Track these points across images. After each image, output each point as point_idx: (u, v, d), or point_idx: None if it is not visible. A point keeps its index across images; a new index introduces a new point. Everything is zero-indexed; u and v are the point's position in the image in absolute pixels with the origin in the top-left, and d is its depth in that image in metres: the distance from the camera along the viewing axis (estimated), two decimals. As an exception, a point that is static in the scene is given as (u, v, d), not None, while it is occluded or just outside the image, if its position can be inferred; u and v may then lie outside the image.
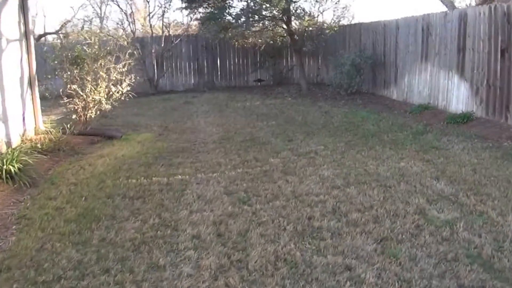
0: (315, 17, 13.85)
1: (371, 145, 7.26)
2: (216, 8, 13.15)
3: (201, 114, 11.60)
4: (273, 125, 9.49)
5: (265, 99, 13.75)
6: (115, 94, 9.66)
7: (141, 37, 18.04)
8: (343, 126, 8.94)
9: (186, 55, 17.90)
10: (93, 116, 9.54)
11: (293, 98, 13.49)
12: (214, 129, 9.51)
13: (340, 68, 12.73)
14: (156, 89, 17.01)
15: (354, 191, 5.15)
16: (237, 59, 17.90)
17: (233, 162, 6.72)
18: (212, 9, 13.41)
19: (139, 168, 6.59)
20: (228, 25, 12.97)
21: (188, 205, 4.98)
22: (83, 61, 9.32)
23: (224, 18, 13.03)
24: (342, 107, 11.34)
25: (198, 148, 7.90)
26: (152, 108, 13.21)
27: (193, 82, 18.01)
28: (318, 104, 12.06)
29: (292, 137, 8.23)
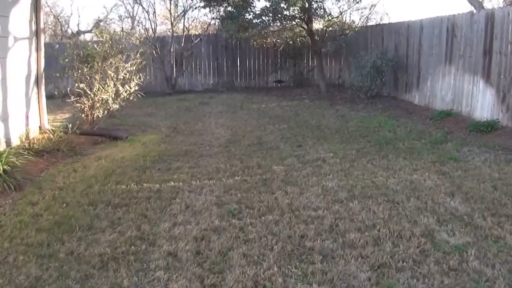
0: (335, 17, 13.28)
1: (384, 154, 6.72)
2: (235, 7, 12.73)
3: (214, 116, 11.21)
4: (284, 129, 9.02)
5: (282, 100, 13.27)
6: (123, 93, 9.35)
7: (162, 37, 17.78)
8: (358, 132, 8.40)
9: (205, 55, 17.57)
10: (100, 116, 9.27)
11: (310, 101, 12.98)
12: (223, 132, 9.10)
13: (360, 70, 12.15)
14: (173, 89, 16.72)
15: (358, 206, 4.64)
16: (257, 60, 17.47)
17: (234, 168, 6.29)
18: (231, 8, 12.99)
19: (133, 172, 6.22)
20: (246, 24, 12.52)
21: (173, 217, 4.57)
22: (93, 60, 9.07)
23: (243, 17, 12.58)
24: (360, 111, 10.77)
25: (202, 151, 7.51)
26: (166, 108, 12.89)
27: (212, 82, 17.66)
28: (335, 107, 11.52)
29: (302, 142, 7.74)
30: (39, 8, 8.29)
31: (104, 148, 7.97)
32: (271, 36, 14.56)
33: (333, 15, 13.20)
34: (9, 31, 7.55)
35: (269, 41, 15.23)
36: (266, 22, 12.47)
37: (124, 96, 9.43)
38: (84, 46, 9.21)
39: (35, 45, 8.42)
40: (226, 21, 12.98)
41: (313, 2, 12.95)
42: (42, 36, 8.57)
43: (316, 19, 13.21)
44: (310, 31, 13.53)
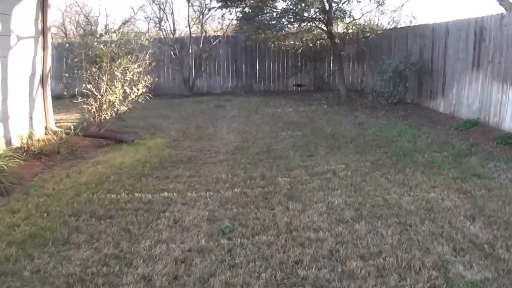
0: (356, 19, 12.72)
1: (401, 167, 6.17)
2: (251, 8, 12.29)
3: (227, 120, 10.80)
4: (297, 136, 8.54)
5: (299, 105, 12.77)
6: (131, 95, 9.01)
7: (181, 38, 17.48)
8: (375, 141, 7.85)
9: (224, 57, 17.20)
10: (107, 118, 8.96)
11: (329, 106, 12.44)
12: (233, 137, 8.67)
13: (382, 75, 11.56)
14: (191, 91, 16.40)
15: (364, 228, 4.13)
16: (276, 62, 16.98)
17: (235, 179, 5.84)
18: (248, 8, 12.56)
19: (128, 180, 5.83)
20: (262, 25, 12.06)
21: (158, 233, 4.15)
22: (101, 60, 8.78)
23: (259, 18, 12.14)
24: (380, 118, 10.19)
25: (207, 158, 7.10)
26: (181, 110, 12.55)
27: (230, 85, 17.27)
28: (354, 114, 10.96)
29: (313, 152, 7.25)
30: (46, 6, 8.01)
31: (107, 151, 7.63)
32: (290, 38, 14.04)
33: (354, 17, 12.60)
34: (11, 29, 7.29)
35: (287, 44, 14.73)
36: (283, 24, 11.99)
37: (132, 98, 9.07)
38: (92, 46, 8.88)
39: (42, 44, 8.15)
40: (242, 22, 12.56)
41: (333, 4, 12.42)
42: (49, 35, 8.30)
43: (336, 21, 12.64)
44: (330, 33, 12.99)
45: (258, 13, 12.02)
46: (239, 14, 13.03)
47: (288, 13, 12.21)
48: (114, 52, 8.99)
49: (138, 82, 9.11)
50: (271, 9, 12.49)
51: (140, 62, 9.25)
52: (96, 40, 9.17)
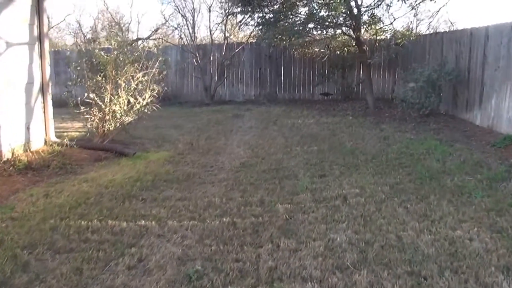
0: (386, 24, 11.81)
1: (425, 194, 5.26)
2: (272, 13, 11.53)
3: (241, 131, 10.06)
4: (313, 152, 7.71)
5: (322, 116, 11.92)
6: (136, 105, 8.41)
7: (203, 44, 16.91)
8: (398, 160, 6.94)
9: (248, 64, 16.52)
10: (111, 129, 8.39)
11: (354, 117, 11.52)
12: (243, 152, 7.93)
13: (412, 84, 10.59)
14: (212, 99, 15.78)
15: (365, 279, 3.29)
16: (302, 70, 16.16)
17: (229, 204, 5.08)
18: (269, 13, 11.80)
19: (109, 203, 5.16)
20: (284, 32, 11.27)
21: (113, 275, 3.44)
22: (104, 68, 8.22)
23: (282, 24, 11.35)
24: (408, 132, 9.23)
25: (206, 176, 6.37)
26: (196, 120, 11.92)
27: (253, 93, 16.56)
28: (380, 127, 10.03)
29: (327, 171, 6.42)
30: (42, 11, 7.50)
31: (102, 166, 7.02)
32: (314, 45, 13.18)
33: (384, 22, 11.69)
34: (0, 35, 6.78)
35: (311, 51, 13.88)
36: (307, 30, 11.18)
37: (137, 108, 8.47)
38: (93, 54, 8.33)
39: (38, 51, 7.63)
40: (263, 28, 11.83)
41: (362, 9, 11.53)
42: (46, 41, 7.77)
43: (365, 27, 11.74)
44: (357, 40, 12.11)
45: (279, 18, 11.23)
46: (260, 19, 12.29)
47: (312, 19, 11.39)
48: (120, 60, 8.43)
49: (144, 91, 8.49)
50: (293, 14, 11.67)
51: (146, 70, 8.62)
52: (97, 47, 8.53)
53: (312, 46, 13.31)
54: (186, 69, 16.73)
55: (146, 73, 8.65)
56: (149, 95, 8.61)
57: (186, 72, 16.80)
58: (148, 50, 9.13)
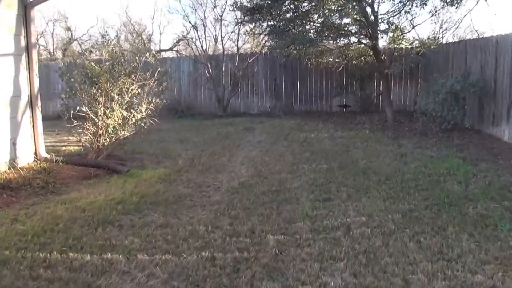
0: (404, 32, 11.07)
1: (442, 224, 4.56)
2: (281, 21, 10.93)
3: (249, 146, 9.47)
4: (321, 171, 7.05)
5: (337, 130, 11.22)
6: (131, 119, 7.91)
7: (216, 55, 16.41)
8: (415, 182, 6.22)
9: (262, 75, 15.96)
10: (105, 144, 7.89)
11: (371, 131, 10.79)
12: (245, 170, 7.33)
13: (434, 96, 9.84)
14: (225, 111, 15.24)
15: None
16: (319, 81, 15.48)
17: (214, 234, 4.47)
18: (277, 22, 11.20)
19: (78, 230, 4.61)
20: (295, 40, 10.63)
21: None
22: (97, 80, 7.76)
23: (292, 32, 10.73)
24: (429, 149, 8.48)
25: (198, 199, 5.80)
26: (205, 133, 11.39)
27: (269, 105, 15.96)
28: (399, 142, 9.29)
29: (332, 194, 5.76)
30: (29, 20, 7.07)
31: (90, 185, 6.50)
32: (328, 55, 12.50)
33: (402, 29, 10.95)
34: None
35: (325, 61, 13.21)
36: (318, 38, 10.55)
37: (133, 122, 7.97)
38: (84, 65, 7.86)
39: (26, 62, 7.19)
40: (273, 37, 11.25)
41: (379, 16, 10.85)
42: (34, 52, 7.33)
43: (382, 35, 11.04)
44: (374, 49, 11.41)
45: (289, 26, 10.62)
46: (269, 28, 11.70)
47: (326, 26, 10.75)
48: (115, 71, 7.95)
49: (139, 104, 7.98)
50: (305, 22, 11.02)
51: (143, 82, 8.12)
52: (88, 59, 8.05)
53: (326, 56, 12.61)
54: (199, 81, 16.26)
55: (142, 85, 8.13)
56: (145, 108, 8.07)
57: (199, 84, 16.34)
58: (146, 61, 8.57)
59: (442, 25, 15.96)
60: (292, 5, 11.17)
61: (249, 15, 11.73)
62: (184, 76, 16.57)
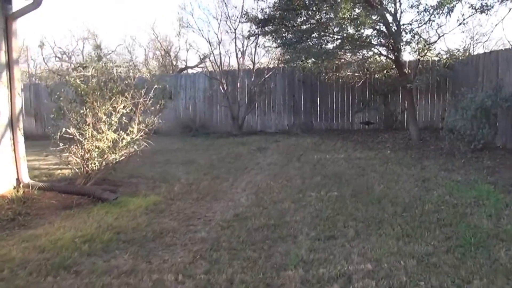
0: (429, 43, 10.16)
1: (466, 275, 3.67)
2: (294, 32, 10.17)
3: (257, 169, 8.71)
4: (330, 199, 6.21)
5: (356, 149, 10.34)
6: (120, 142, 7.27)
7: (232, 70, 15.77)
8: (437, 214, 5.32)
9: (280, 91, 15.24)
10: (95, 168, 7.27)
11: (393, 151, 9.88)
12: (245, 198, 6.57)
13: (462, 112, 8.89)
14: (240, 129, 14.53)
15: None
16: (340, 97, 14.65)
17: (183, 286, 3.69)
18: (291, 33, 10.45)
19: (25, 278, 3.91)
20: (308, 53, 9.85)
21: None
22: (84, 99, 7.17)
23: (305, 45, 9.95)
24: (456, 172, 7.53)
25: (182, 235, 5.06)
26: (214, 154, 10.71)
27: (287, 123, 15.20)
28: (422, 163, 8.37)
29: (338, 231, 4.93)
30: (10, 35, 6.53)
31: (67, 217, 5.82)
32: (347, 68, 11.62)
33: (427, 40, 10.05)
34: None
35: (344, 75, 12.37)
36: (335, 51, 9.75)
37: (124, 145, 7.32)
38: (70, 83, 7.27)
39: (7, 80, 6.65)
40: (286, 50, 10.52)
41: (401, 26, 9.97)
42: (16, 69, 6.77)
43: (405, 47, 10.15)
44: (397, 61, 10.53)
45: (303, 38, 9.85)
46: (280, 40, 10.96)
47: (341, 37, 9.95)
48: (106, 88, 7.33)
49: (129, 125, 7.34)
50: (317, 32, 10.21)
51: (135, 100, 7.48)
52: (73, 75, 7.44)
53: (345, 70, 11.75)
54: (215, 97, 15.64)
55: (136, 104, 7.49)
56: (138, 129, 7.42)
57: (215, 101, 15.71)
58: (140, 77, 7.95)
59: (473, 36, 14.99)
60: (306, 15, 10.42)
61: (261, 26, 11.04)
62: (200, 93, 15.99)
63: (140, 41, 37.95)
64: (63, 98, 7.31)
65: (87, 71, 7.16)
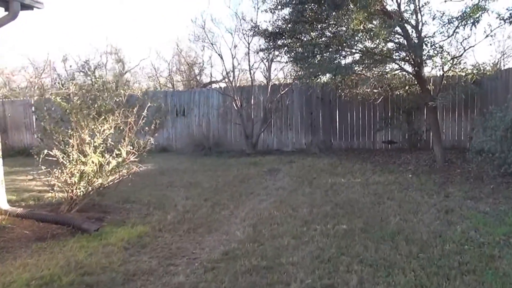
0: (454, 56, 9.33)
1: None
2: (305, 45, 9.47)
3: (263, 195, 8.01)
4: (337, 234, 5.46)
5: (375, 172, 9.53)
6: (106, 166, 6.69)
7: (247, 86, 15.14)
8: (459, 257, 4.51)
9: (297, 108, 14.54)
10: (80, 194, 6.70)
11: (415, 174, 9.04)
12: (241, 231, 5.87)
13: (490, 132, 8.02)
14: (254, 148, 13.85)
15: None
16: (361, 114, 13.84)
17: None
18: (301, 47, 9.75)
19: None
20: (320, 68, 9.13)
21: None
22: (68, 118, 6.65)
23: (318, 60, 9.23)
24: (483, 201, 6.69)
25: (156, 279, 4.41)
26: (221, 176, 10.07)
27: (304, 141, 14.46)
28: (446, 190, 7.53)
29: (339, 278, 4.19)
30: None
31: (37, 250, 5.25)
32: (362, 85, 10.82)
33: (451, 54, 9.22)
34: None
35: (362, 91, 11.58)
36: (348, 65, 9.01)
37: (110, 169, 6.74)
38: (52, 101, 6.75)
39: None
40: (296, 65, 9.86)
41: (423, 38, 9.18)
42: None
43: (427, 60, 9.32)
44: (418, 77, 9.72)
45: (314, 51, 9.13)
46: (289, 54, 10.28)
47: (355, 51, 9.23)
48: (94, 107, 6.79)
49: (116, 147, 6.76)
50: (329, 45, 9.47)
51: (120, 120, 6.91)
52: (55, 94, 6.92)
53: (361, 86, 10.95)
54: (229, 114, 15.04)
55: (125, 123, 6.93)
56: (127, 152, 6.84)
57: (229, 117, 15.10)
58: (131, 94, 7.40)
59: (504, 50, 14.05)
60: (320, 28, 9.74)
61: (272, 41, 10.40)
62: (213, 110, 15.42)
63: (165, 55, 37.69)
64: (49, 117, 6.78)
65: (68, 89, 6.59)
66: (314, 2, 9.37)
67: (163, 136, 16.10)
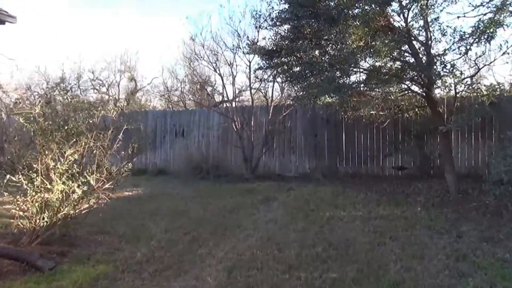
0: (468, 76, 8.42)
1: None
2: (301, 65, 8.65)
3: (249, 230, 7.12)
4: (323, 287, 4.54)
5: (380, 204, 8.56)
6: (72, 194, 5.90)
7: (248, 107, 14.31)
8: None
9: (301, 130, 13.66)
10: (43, 225, 5.92)
11: (424, 208, 8.05)
12: (213, 276, 5.06)
13: (510, 161, 7.05)
14: (253, 172, 12.96)
15: None
16: (369, 137, 12.89)
17: None
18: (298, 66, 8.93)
19: None
20: (316, 88, 8.30)
21: None
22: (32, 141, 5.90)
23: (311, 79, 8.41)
24: (502, 244, 5.73)
25: None
26: (211, 203, 9.26)
27: (308, 166, 13.53)
28: (458, 229, 6.56)
29: None
30: None
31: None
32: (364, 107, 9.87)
33: (464, 73, 8.30)
34: None
35: (366, 113, 10.67)
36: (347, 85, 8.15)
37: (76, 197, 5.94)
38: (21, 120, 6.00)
39: None
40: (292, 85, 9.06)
41: (433, 56, 8.29)
42: None
43: (437, 81, 8.40)
44: (428, 98, 8.81)
45: (312, 70, 8.28)
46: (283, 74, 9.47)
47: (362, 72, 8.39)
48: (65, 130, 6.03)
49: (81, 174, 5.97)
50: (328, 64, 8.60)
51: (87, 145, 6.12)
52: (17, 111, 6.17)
53: (364, 108, 10.02)
54: (229, 136, 14.21)
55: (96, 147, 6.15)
56: (96, 179, 6.04)
57: (229, 139, 14.28)
58: (106, 116, 6.64)
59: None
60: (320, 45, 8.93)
61: (268, 59, 9.60)
62: (213, 131, 14.63)
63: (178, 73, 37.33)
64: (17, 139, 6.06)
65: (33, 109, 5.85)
66: (311, 17, 8.58)
67: (160, 158, 15.39)
